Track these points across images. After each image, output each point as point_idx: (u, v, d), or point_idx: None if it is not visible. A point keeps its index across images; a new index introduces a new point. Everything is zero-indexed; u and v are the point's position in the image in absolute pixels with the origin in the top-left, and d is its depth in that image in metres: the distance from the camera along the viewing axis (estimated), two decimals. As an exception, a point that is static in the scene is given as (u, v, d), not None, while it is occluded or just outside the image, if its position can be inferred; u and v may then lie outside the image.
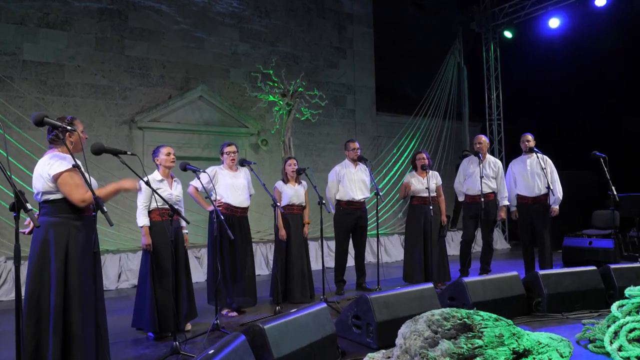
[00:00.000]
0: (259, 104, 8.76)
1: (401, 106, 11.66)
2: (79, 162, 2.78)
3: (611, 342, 3.34)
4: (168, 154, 4.02)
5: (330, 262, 7.82)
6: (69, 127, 2.79)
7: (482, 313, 2.61)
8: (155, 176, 3.98)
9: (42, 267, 2.72)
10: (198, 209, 5.03)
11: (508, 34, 10.28)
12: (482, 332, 2.31)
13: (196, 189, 4.63)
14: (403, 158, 10.44)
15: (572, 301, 4.41)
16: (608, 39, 8.86)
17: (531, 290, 4.43)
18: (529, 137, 5.96)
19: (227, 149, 4.70)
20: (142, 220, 3.83)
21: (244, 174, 4.87)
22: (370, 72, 11.29)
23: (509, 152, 10.28)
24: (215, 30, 9.25)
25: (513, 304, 4.28)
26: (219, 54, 9.31)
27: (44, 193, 2.79)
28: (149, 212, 3.88)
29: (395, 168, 10.30)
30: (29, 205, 2.10)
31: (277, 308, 4.39)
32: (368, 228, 6.09)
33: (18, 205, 2.07)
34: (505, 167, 6.72)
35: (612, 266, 4.66)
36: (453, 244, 9.08)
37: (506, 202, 5.96)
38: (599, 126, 9.64)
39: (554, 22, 9.47)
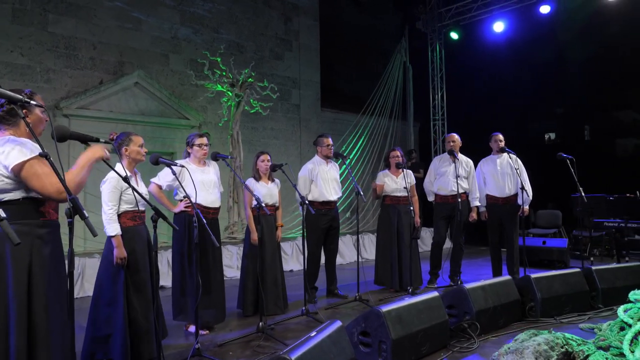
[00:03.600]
0: (206, 93, 8.05)
1: (345, 103, 11.42)
2: (45, 151, 2.09)
3: (631, 350, 3.22)
4: (141, 145, 3.33)
5: (291, 265, 7.38)
6: (33, 102, 2.09)
7: (567, 335, 2.31)
8: (119, 170, 3.25)
9: None
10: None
11: (454, 35, 10.37)
12: (591, 362, 2.02)
13: (159, 187, 3.95)
14: (352, 156, 10.17)
15: (562, 304, 4.32)
16: (551, 46, 9.18)
17: (523, 294, 4.28)
18: (501, 136, 5.88)
19: (198, 141, 4.06)
20: (114, 227, 3.06)
21: (213, 169, 4.25)
22: (315, 66, 10.92)
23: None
24: (154, 11, 8.35)
25: (510, 310, 4.09)
26: (157, 37, 8.42)
27: None
28: (118, 216, 3.15)
29: (344, 167, 9.97)
30: (1, 213, 1.44)
31: (261, 324, 3.83)
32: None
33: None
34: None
35: (594, 267, 4.65)
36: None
37: (478, 203, 5.83)
38: (540, 130, 10.02)
39: (499, 26, 9.68)
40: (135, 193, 2.61)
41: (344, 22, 12.40)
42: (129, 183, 2.51)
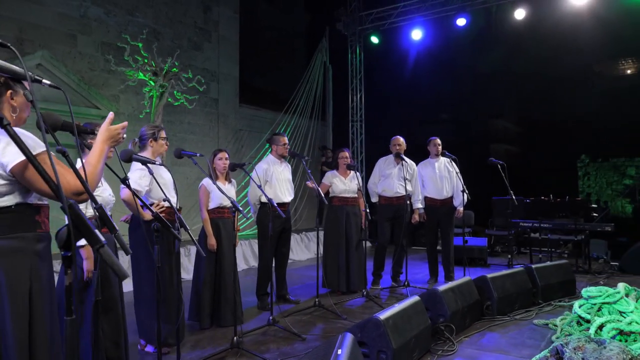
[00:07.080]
0: (127, 82, 7.32)
1: (264, 100, 11.14)
2: (64, 147, 1.66)
3: (596, 344, 3.49)
4: None
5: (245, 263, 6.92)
6: (46, 82, 1.69)
7: (614, 340, 2.38)
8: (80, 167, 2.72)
9: None
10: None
11: (375, 40, 10.60)
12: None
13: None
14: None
15: (513, 302, 4.58)
16: (457, 57, 9.79)
17: (480, 294, 4.46)
18: (439, 141, 6.11)
19: (162, 134, 3.59)
20: None
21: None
22: (234, 60, 10.49)
23: (369, 155, 10.66)
24: (60, -16, 7.37)
25: (474, 310, 4.24)
26: (63, 14, 7.44)
27: None
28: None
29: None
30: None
31: (235, 338, 3.50)
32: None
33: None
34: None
35: (535, 266, 5.00)
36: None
37: (420, 205, 5.99)
38: (452, 136, 10.64)
39: (417, 34, 10.08)
40: (136, 198, 2.20)
41: (261, 19, 12.09)
42: (129, 187, 2.11)
